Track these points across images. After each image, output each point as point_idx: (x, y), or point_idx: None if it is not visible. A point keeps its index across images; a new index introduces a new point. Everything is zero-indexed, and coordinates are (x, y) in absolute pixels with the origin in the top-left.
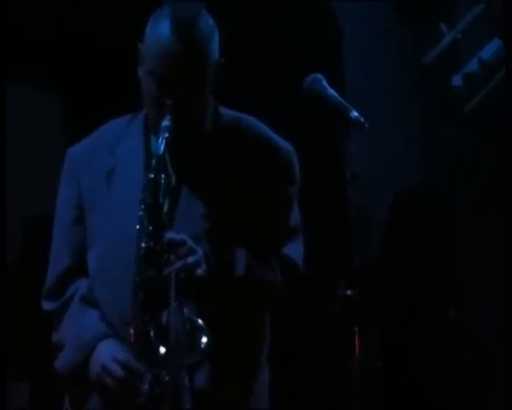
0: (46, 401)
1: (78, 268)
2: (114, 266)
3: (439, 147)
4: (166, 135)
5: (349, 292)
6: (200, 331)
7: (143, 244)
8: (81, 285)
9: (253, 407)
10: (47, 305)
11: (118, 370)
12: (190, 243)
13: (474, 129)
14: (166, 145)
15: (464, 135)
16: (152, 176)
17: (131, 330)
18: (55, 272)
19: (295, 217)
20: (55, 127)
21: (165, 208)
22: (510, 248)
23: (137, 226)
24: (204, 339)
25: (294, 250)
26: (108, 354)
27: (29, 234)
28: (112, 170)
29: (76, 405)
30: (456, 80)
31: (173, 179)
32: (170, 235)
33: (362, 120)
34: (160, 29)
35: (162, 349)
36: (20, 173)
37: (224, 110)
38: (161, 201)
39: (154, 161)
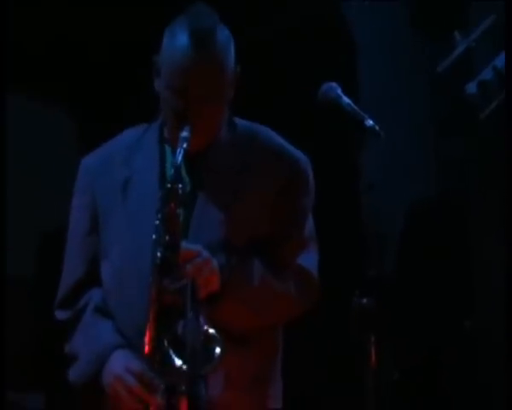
0: None
1: (91, 278)
2: (129, 276)
3: (454, 155)
4: (185, 145)
5: (365, 301)
6: (214, 341)
7: (159, 254)
8: (94, 295)
9: None
10: (60, 314)
11: (132, 380)
12: (206, 253)
13: (488, 137)
14: (184, 156)
15: (479, 143)
16: (169, 185)
17: (146, 341)
18: (68, 281)
19: (309, 227)
20: (69, 139)
21: (181, 218)
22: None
23: (153, 236)
24: (218, 349)
25: (309, 260)
26: (122, 365)
27: (44, 246)
28: (127, 181)
29: None
30: (471, 88)
31: (189, 189)
32: (185, 245)
33: (377, 128)
34: (178, 42)
35: (178, 360)
36: (34, 186)
37: (238, 120)
38: (178, 211)
39: (171, 171)
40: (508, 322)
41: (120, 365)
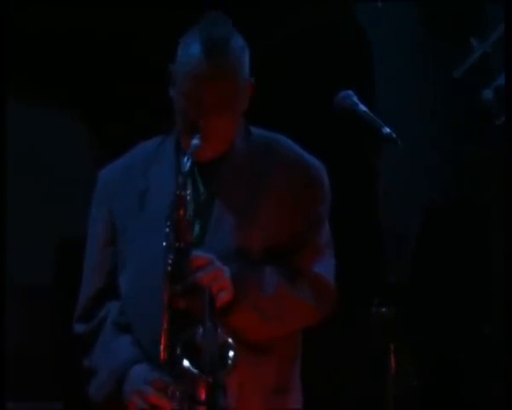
0: None
1: (109, 290)
2: (146, 286)
3: (470, 161)
4: (193, 153)
5: (383, 310)
6: (228, 347)
7: (170, 260)
8: (112, 309)
9: None
10: (78, 328)
11: (149, 390)
12: (218, 262)
13: (504, 142)
14: (193, 163)
15: (495, 148)
16: (177, 192)
17: (161, 348)
18: (86, 294)
19: (326, 234)
20: (85, 149)
21: (197, 227)
22: None
23: (164, 243)
24: (231, 353)
25: (325, 267)
26: (140, 378)
27: (64, 255)
28: (144, 192)
29: None
30: (487, 94)
31: (204, 198)
32: (197, 253)
33: (394, 136)
34: (190, 50)
35: (194, 367)
36: (52, 196)
37: (253, 129)
38: (188, 217)
39: (179, 178)
40: (508, 323)
41: (139, 378)
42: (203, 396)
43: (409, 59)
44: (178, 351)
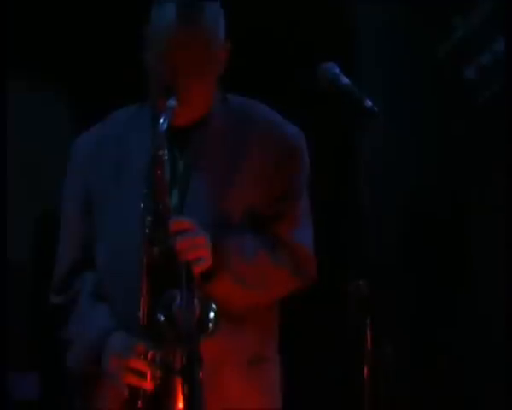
0: (58, 391)
1: (84, 261)
2: (125, 256)
3: (453, 139)
4: (169, 113)
5: (361, 282)
6: (210, 309)
7: (148, 222)
8: (88, 279)
9: (265, 404)
10: (55, 299)
11: (130, 355)
12: (199, 230)
13: (487, 121)
14: (169, 123)
15: (478, 127)
16: (154, 152)
17: (140, 313)
18: (62, 265)
19: (305, 203)
20: (62, 123)
21: (175, 195)
22: None
23: (141, 204)
24: (212, 314)
25: (304, 236)
26: (120, 344)
27: (39, 229)
28: (120, 162)
29: (89, 401)
30: (470, 73)
31: (181, 165)
32: (178, 218)
33: (375, 109)
34: (164, 12)
35: (172, 335)
36: (29, 170)
37: (231, 96)
38: (165, 177)
39: (156, 138)
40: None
41: (119, 344)
42: (179, 366)
43: (392, 38)
44: (158, 316)
